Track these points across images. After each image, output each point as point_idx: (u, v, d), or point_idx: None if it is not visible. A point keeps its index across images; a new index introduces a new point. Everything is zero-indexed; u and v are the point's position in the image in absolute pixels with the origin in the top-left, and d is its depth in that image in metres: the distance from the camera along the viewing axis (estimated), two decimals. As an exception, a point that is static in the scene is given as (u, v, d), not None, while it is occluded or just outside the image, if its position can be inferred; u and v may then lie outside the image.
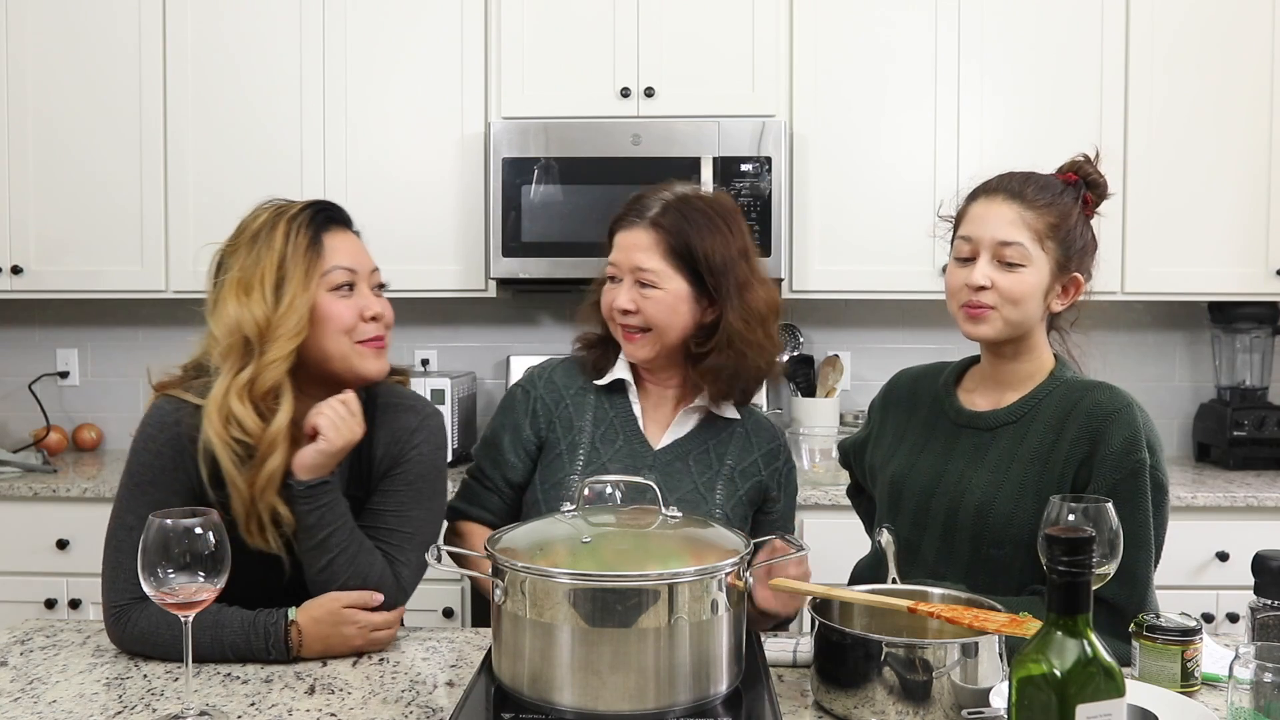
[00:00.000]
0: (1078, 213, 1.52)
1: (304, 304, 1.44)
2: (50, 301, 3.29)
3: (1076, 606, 0.91)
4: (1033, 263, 1.49)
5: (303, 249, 1.46)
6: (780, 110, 2.92)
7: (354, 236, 1.56)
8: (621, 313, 1.66)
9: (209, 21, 2.97)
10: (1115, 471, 1.45)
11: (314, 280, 1.46)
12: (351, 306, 1.49)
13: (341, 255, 1.50)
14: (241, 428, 1.41)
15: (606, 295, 1.70)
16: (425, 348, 3.34)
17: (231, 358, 1.44)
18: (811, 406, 3.07)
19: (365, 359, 1.51)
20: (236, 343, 1.43)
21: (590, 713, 1.14)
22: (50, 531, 2.74)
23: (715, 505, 1.69)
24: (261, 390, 1.42)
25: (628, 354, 1.72)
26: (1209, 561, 2.67)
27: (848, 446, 1.84)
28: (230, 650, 1.41)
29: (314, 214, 1.51)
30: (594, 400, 1.75)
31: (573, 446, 1.71)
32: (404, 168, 2.96)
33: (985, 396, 1.61)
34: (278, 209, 1.51)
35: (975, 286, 1.49)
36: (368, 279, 1.54)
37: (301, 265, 1.45)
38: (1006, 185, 1.53)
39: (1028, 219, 1.49)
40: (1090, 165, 1.56)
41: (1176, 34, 2.90)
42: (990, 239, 1.50)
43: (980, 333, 1.52)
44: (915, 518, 1.58)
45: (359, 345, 1.50)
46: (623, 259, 1.66)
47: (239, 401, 1.42)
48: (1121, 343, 3.28)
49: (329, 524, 1.45)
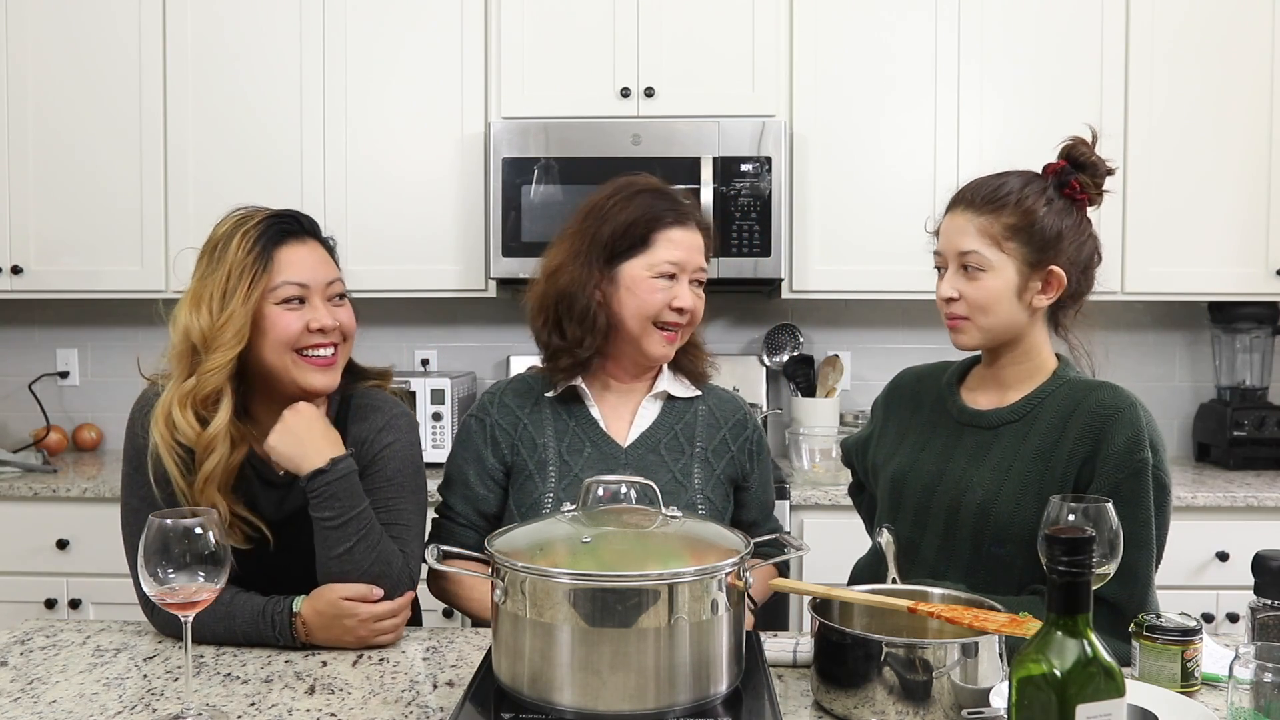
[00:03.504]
0: (1046, 204, 1.51)
1: (243, 315, 1.47)
2: (50, 301, 3.29)
3: (1076, 606, 0.91)
4: (993, 267, 1.50)
5: (250, 262, 1.48)
6: (780, 110, 2.92)
7: (315, 246, 1.56)
8: (680, 311, 1.68)
9: (209, 21, 2.97)
10: (1118, 471, 1.44)
11: (257, 292, 1.48)
12: (298, 319, 1.50)
13: (292, 269, 1.51)
14: (180, 432, 1.46)
15: (661, 294, 1.67)
16: (425, 348, 3.35)
17: (179, 364, 1.49)
18: (811, 406, 3.07)
19: (307, 373, 1.52)
20: (185, 350, 1.48)
21: (590, 713, 1.14)
22: (50, 531, 2.74)
23: (695, 490, 1.69)
24: (202, 396, 1.47)
25: (660, 354, 1.71)
26: (1209, 561, 2.67)
27: (850, 444, 1.84)
28: (242, 638, 1.47)
29: (268, 226, 1.51)
30: (551, 414, 1.73)
31: (541, 464, 1.69)
32: (404, 168, 2.96)
33: (987, 396, 1.61)
34: (239, 219, 1.53)
35: (944, 299, 1.55)
36: (322, 291, 1.53)
37: (247, 278, 1.47)
38: (964, 195, 1.56)
39: (982, 225, 1.51)
40: (1083, 145, 1.54)
41: (1176, 34, 2.90)
42: (953, 251, 1.54)
43: (960, 343, 1.57)
44: (916, 516, 1.58)
45: (303, 360, 1.51)
46: (689, 259, 1.68)
47: (179, 409, 1.47)
48: (1121, 343, 3.28)
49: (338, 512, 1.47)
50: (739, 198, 2.83)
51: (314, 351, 1.51)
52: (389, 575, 1.50)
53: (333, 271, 1.56)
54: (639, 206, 1.68)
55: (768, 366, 3.26)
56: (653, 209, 1.68)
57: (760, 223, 2.83)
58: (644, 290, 1.67)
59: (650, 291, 1.66)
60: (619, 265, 1.68)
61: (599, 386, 1.76)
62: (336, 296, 1.56)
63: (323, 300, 1.53)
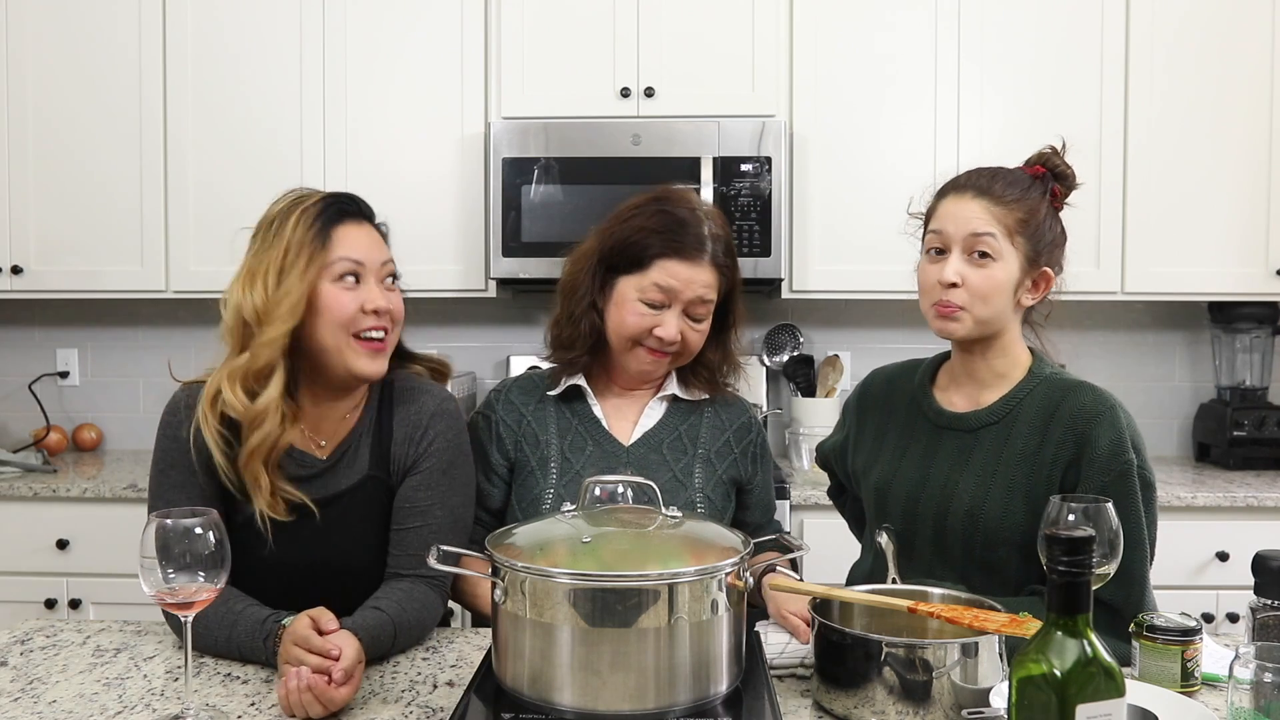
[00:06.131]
0: (1045, 207, 1.52)
1: (300, 290, 1.46)
2: (50, 301, 3.29)
3: (1076, 606, 0.90)
4: (1003, 257, 1.49)
5: (309, 239, 1.48)
6: (780, 110, 2.92)
7: (370, 229, 1.57)
8: (670, 343, 1.65)
9: (209, 21, 2.97)
10: (1103, 474, 1.44)
11: (315, 269, 1.48)
12: (353, 298, 1.50)
13: (348, 247, 1.51)
14: (228, 405, 1.46)
15: (646, 319, 1.64)
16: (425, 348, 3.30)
17: (231, 340, 1.49)
18: (811, 406, 3.07)
19: (359, 357, 1.51)
20: (236, 326, 1.48)
21: (590, 713, 1.14)
22: (50, 531, 2.74)
23: (695, 490, 1.68)
24: (255, 370, 1.46)
25: (643, 373, 1.70)
26: (1209, 561, 2.67)
27: (826, 449, 1.82)
28: (238, 649, 1.42)
29: (326, 205, 1.52)
30: (555, 411, 1.74)
31: (543, 461, 1.69)
32: (404, 168, 2.96)
33: (962, 395, 1.59)
34: (296, 199, 1.53)
35: (947, 283, 1.49)
36: (376, 272, 1.53)
37: (305, 254, 1.47)
38: (975, 181, 1.53)
39: (997, 214, 1.49)
40: (1057, 156, 1.55)
41: (1176, 34, 2.90)
42: (962, 233, 1.49)
43: (951, 331, 1.52)
44: (905, 524, 1.57)
45: (356, 342, 1.51)
46: (685, 292, 1.64)
47: (229, 385, 1.46)
48: (1121, 343, 3.28)
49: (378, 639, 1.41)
50: (739, 198, 2.83)
51: (367, 334, 1.51)
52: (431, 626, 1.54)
53: (387, 253, 1.56)
54: (648, 227, 1.65)
55: (768, 366, 3.26)
56: (658, 235, 1.64)
57: (760, 223, 2.83)
58: (627, 310, 1.65)
59: (632, 314, 1.65)
60: (616, 278, 1.67)
61: (604, 386, 1.76)
62: (389, 278, 1.56)
63: (377, 281, 1.53)
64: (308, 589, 1.48)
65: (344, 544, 1.54)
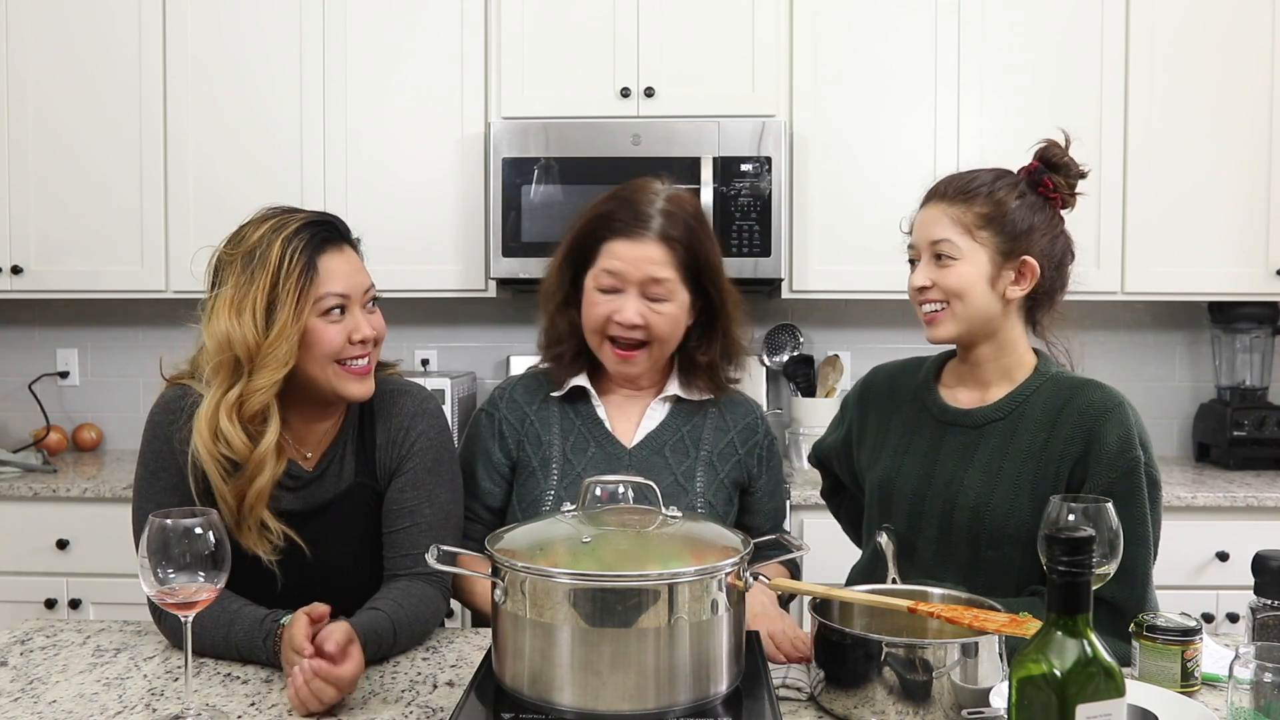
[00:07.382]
0: (1018, 197, 1.53)
1: (295, 333, 1.45)
2: (50, 301, 3.29)
3: (1076, 606, 0.90)
4: (964, 255, 1.52)
5: (296, 274, 1.45)
6: (780, 110, 2.92)
7: (351, 253, 1.55)
8: (628, 327, 1.61)
9: (209, 22, 2.97)
10: (1111, 471, 1.45)
11: (306, 307, 1.46)
12: (341, 331, 1.49)
13: (336, 280, 1.49)
14: (229, 445, 1.44)
15: (602, 307, 1.62)
16: (425, 348, 3.35)
17: (221, 374, 1.45)
18: (811, 406, 3.07)
19: (348, 383, 1.52)
20: (226, 360, 1.45)
21: (590, 713, 1.14)
22: (50, 531, 2.74)
23: (696, 494, 1.67)
24: (249, 413, 1.45)
25: (618, 371, 1.68)
26: (1209, 561, 2.67)
27: (826, 448, 1.81)
28: (236, 649, 1.42)
29: (311, 235, 1.49)
30: (558, 412, 1.72)
31: (545, 462, 1.69)
32: (404, 168, 2.96)
33: (967, 393, 1.60)
34: (276, 225, 1.49)
35: (916, 288, 1.56)
36: (360, 300, 1.53)
37: (294, 291, 1.45)
38: (936, 190, 1.59)
39: (954, 215, 1.53)
40: (1054, 148, 1.57)
41: (1176, 34, 2.90)
42: (925, 241, 1.56)
43: (938, 334, 1.56)
44: (910, 521, 1.57)
45: (343, 370, 1.51)
46: (632, 271, 1.60)
47: (227, 419, 1.44)
48: (1121, 343, 3.28)
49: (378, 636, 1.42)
50: (739, 198, 2.83)
51: (353, 361, 1.51)
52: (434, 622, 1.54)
53: (367, 278, 1.55)
54: (597, 215, 1.64)
55: (768, 366, 3.26)
56: (603, 219, 1.63)
57: (760, 223, 2.83)
58: (589, 302, 1.64)
59: (591, 304, 1.64)
60: (583, 276, 1.67)
61: (608, 386, 1.75)
62: (370, 302, 1.56)
63: (361, 309, 1.53)
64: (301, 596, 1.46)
65: (335, 551, 1.54)
